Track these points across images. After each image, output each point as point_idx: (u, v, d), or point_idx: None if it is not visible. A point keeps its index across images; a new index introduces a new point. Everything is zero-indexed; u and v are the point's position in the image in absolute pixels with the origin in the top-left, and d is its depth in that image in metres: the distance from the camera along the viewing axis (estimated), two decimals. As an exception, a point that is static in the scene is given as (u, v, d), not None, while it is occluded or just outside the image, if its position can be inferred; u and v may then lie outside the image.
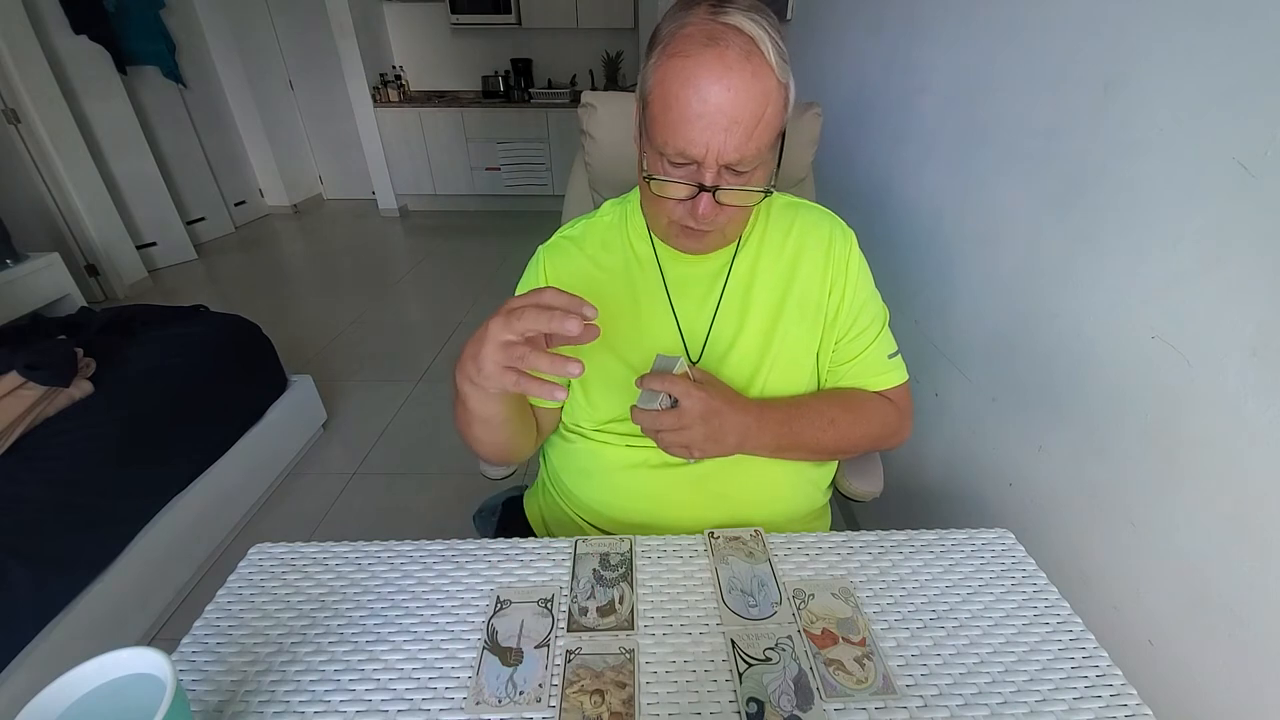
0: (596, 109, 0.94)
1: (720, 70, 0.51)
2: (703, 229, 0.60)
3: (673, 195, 0.58)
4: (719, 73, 0.51)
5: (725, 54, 0.51)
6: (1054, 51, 0.80)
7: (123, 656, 0.39)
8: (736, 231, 0.67)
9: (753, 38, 0.51)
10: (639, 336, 0.69)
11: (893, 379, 0.73)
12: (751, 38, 0.51)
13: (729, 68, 0.51)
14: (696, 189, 0.56)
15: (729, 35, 0.51)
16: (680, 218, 0.60)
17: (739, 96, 0.51)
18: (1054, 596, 0.56)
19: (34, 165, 2.69)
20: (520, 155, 4.45)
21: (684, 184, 0.56)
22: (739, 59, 0.51)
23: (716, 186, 0.55)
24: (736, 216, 0.61)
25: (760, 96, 0.52)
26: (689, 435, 0.57)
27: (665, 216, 0.61)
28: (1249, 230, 0.54)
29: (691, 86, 0.51)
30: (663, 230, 0.65)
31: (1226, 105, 0.57)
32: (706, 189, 0.55)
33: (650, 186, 0.58)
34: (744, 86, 0.51)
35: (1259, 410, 0.53)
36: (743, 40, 0.51)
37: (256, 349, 1.71)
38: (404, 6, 4.38)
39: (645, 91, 0.57)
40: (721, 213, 0.58)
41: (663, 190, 0.58)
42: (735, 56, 0.51)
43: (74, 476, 1.14)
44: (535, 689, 0.47)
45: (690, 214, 0.58)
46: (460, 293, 3.21)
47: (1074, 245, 0.76)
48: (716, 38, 0.51)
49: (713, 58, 0.51)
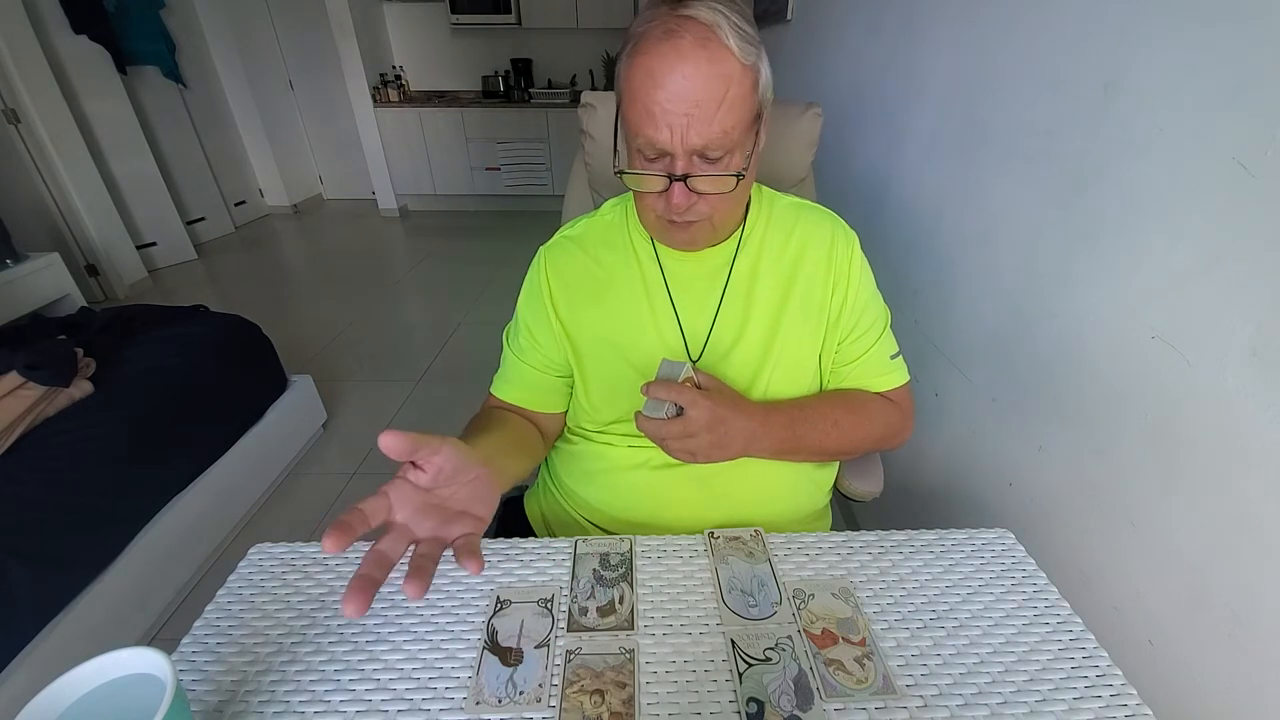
0: (596, 109, 0.94)
1: (674, 59, 0.52)
2: (684, 219, 0.60)
3: (648, 188, 0.59)
4: (673, 61, 0.52)
5: (679, 44, 0.52)
6: (1054, 51, 0.80)
7: (123, 656, 0.39)
8: (726, 222, 0.66)
9: (709, 25, 0.52)
10: (641, 336, 0.69)
11: (895, 380, 0.73)
12: (708, 25, 0.52)
13: (683, 56, 0.52)
14: (668, 180, 0.56)
15: (685, 25, 0.52)
16: (662, 211, 0.60)
17: (695, 83, 0.52)
18: (1054, 596, 0.56)
19: (34, 165, 2.69)
20: (520, 155, 4.45)
21: (655, 175, 0.57)
22: (693, 46, 0.52)
23: (687, 174, 0.56)
24: (720, 205, 0.61)
25: (718, 79, 0.53)
26: (695, 443, 0.57)
27: (650, 213, 0.62)
28: (1249, 230, 0.54)
29: (651, 79, 0.53)
30: (652, 228, 0.66)
31: (1226, 105, 0.57)
32: (677, 178, 0.56)
33: (625, 182, 0.60)
34: (699, 72, 0.52)
35: (1259, 410, 0.53)
36: (698, 28, 0.52)
37: (256, 349, 1.71)
38: (404, 6, 4.38)
39: (618, 94, 0.58)
40: (701, 201, 0.59)
41: (637, 184, 0.59)
42: (689, 44, 0.52)
43: (74, 476, 1.14)
44: (535, 689, 0.47)
45: (667, 206, 0.59)
46: (460, 293, 3.21)
47: (1074, 245, 0.76)
48: (672, 30, 0.52)
49: (668, 49, 0.52)
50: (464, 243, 4.08)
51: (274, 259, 3.76)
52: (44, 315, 1.96)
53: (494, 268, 3.57)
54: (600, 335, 0.69)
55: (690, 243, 0.66)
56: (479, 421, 0.72)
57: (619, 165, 0.60)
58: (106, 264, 2.96)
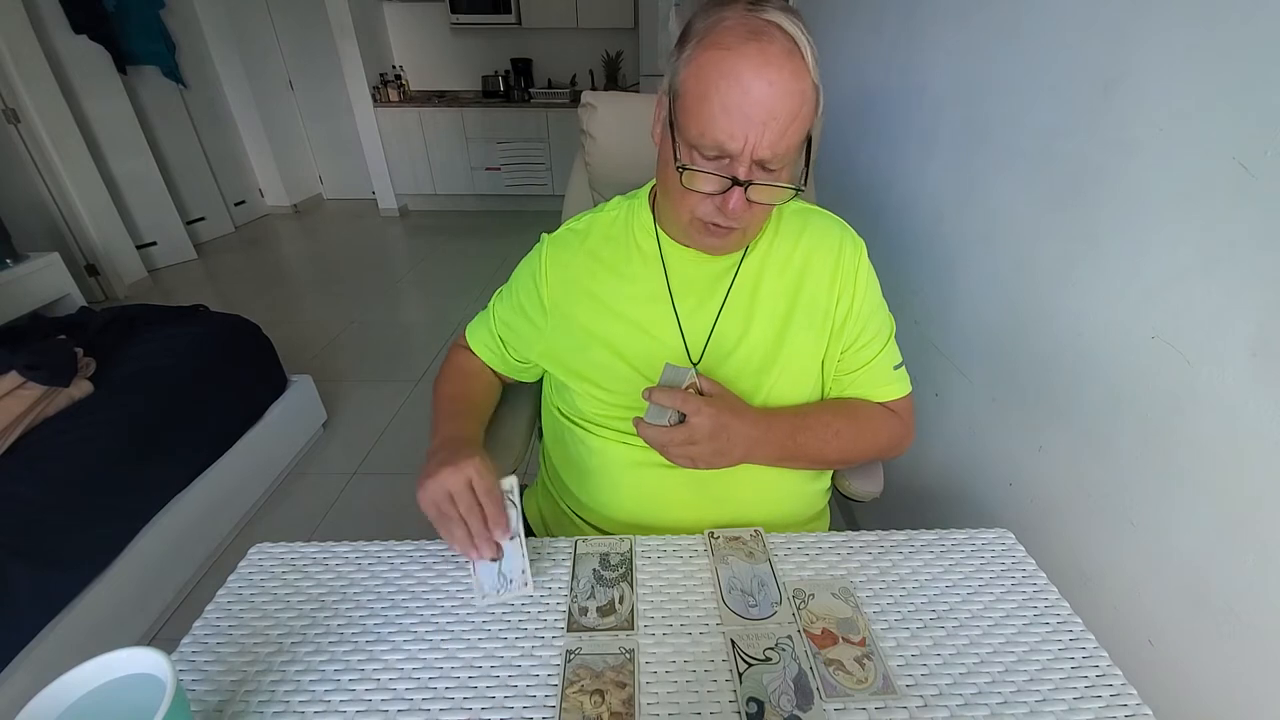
0: (596, 109, 0.94)
1: (761, 63, 0.50)
2: (730, 225, 0.59)
3: (704, 189, 0.57)
4: (759, 66, 0.50)
5: (768, 49, 0.51)
6: (1054, 51, 0.80)
7: (123, 656, 0.39)
8: (756, 232, 0.66)
9: (794, 37, 0.52)
10: (639, 333, 0.68)
11: (897, 390, 0.72)
12: (792, 37, 0.52)
13: (769, 62, 0.51)
14: (729, 183, 0.55)
15: (772, 31, 0.51)
16: (707, 214, 0.59)
17: (778, 92, 0.51)
18: (1054, 596, 0.56)
19: (34, 165, 2.69)
20: (520, 155, 4.44)
21: (717, 176, 0.56)
22: (781, 55, 0.51)
23: (750, 181, 0.55)
24: (759, 216, 0.60)
25: (798, 95, 0.52)
26: (696, 450, 0.57)
27: (689, 213, 0.60)
28: (1249, 230, 0.54)
29: (732, 77, 0.51)
30: (684, 226, 0.63)
31: (1226, 105, 0.57)
32: (740, 183, 0.54)
33: (682, 179, 0.57)
34: (784, 83, 0.51)
35: (1259, 410, 0.53)
36: (784, 38, 0.51)
37: (256, 349, 1.71)
38: (404, 6, 4.37)
39: (677, 84, 0.56)
40: (749, 210, 0.58)
41: (694, 183, 0.57)
42: (777, 52, 0.51)
43: (74, 476, 1.14)
44: (520, 575, 0.55)
45: (720, 210, 0.57)
46: (460, 293, 3.21)
47: (1073, 245, 0.76)
48: (759, 32, 0.51)
49: (755, 51, 0.51)
50: (464, 242, 4.07)
51: (274, 259, 3.75)
52: (44, 315, 1.95)
53: (494, 267, 3.57)
54: (595, 330, 0.69)
55: (720, 248, 0.65)
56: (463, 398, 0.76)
57: (679, 160, 0.57)
58: (106, 264, 2.95)
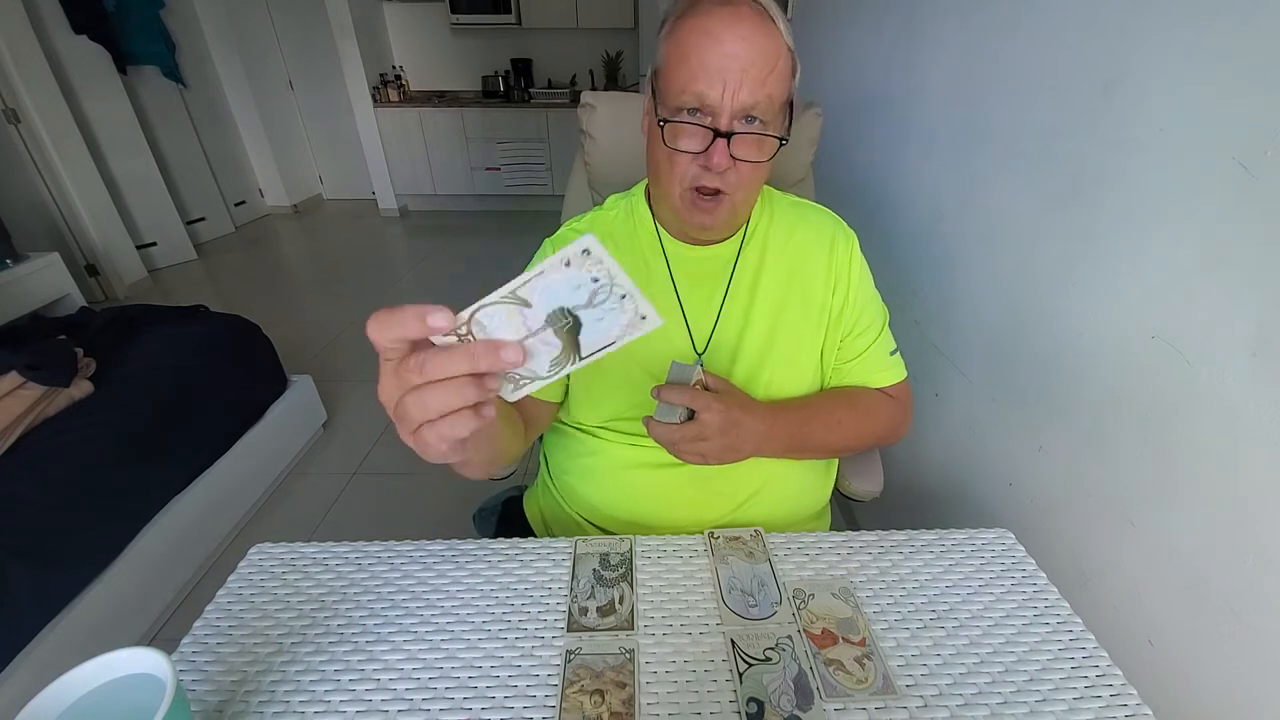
0: (596, 109, 0.94)
1: (733, 21, 0.55)
2: (716, 186, 0.59)
3: (686, 147, 0.58)
4: (732, 23, 0.55)
5: (739, 10, 0.55)
6: (1054, 51, 0.80)
7: (122, 656, 0.39)
8: (743, 205, 0.65)
9: (764, 6, 0.57)
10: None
11: (894, 376, 0.74)
12: (763, 5, 0.57)
13: (742, 19, 0.55)
14: (712, 135, 0.57)
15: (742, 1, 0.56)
16: (695, 176, 0.59)
17: (752, 46, 0.55)
18: (1054, 596, 0.56)
19: (34, 165, 2.69)
20: (520, 155, 4.44)
21: (699, 126, 0.57)
22: (752, 15, 0.55)
23: (732, 131, 0.56)
24: (747, 178, 0.60)
25: (772, 51, 0.56)
26: (707, 446, 0.57)
27: (678, 185, 0.61)
28: (1249, 230, 0.54)
29: (707, 34, 0.55)
30: (675, 205, 0.63)
31: (1226, 105, 0.57)
32: (721, 134, 0.56)
33: (664, 137, 0.58)
34: (757, 39, 0.55)
35: (1259, 410, 0.53)
36: (754, 5, 0.56)
37: (256, 349, 1.71)
38: (404, 6, 4.37)
39: (659, 60, 0.60)
40: (735, 168, 0.58)
41: (676, 139, 0.58)
42: (748, 12, 0.55)
43: (74, 476, 1.14)
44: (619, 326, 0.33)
45: (706, 166, 0.58)
46: (460, 293, 3.17)
47: (1074, 245, 0.76)
48: (729, 1, 0.55)
49: (728, 13, 0.55)
50: (464, 243, 4.07)
51: (274, 259, 3.75)
52: (44, 315, 1.95)
53: (494, 268, 3.56)
54: None
55: (710, 224, 0.64)
56: None
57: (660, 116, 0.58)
58: (106, 264, 2.95)
